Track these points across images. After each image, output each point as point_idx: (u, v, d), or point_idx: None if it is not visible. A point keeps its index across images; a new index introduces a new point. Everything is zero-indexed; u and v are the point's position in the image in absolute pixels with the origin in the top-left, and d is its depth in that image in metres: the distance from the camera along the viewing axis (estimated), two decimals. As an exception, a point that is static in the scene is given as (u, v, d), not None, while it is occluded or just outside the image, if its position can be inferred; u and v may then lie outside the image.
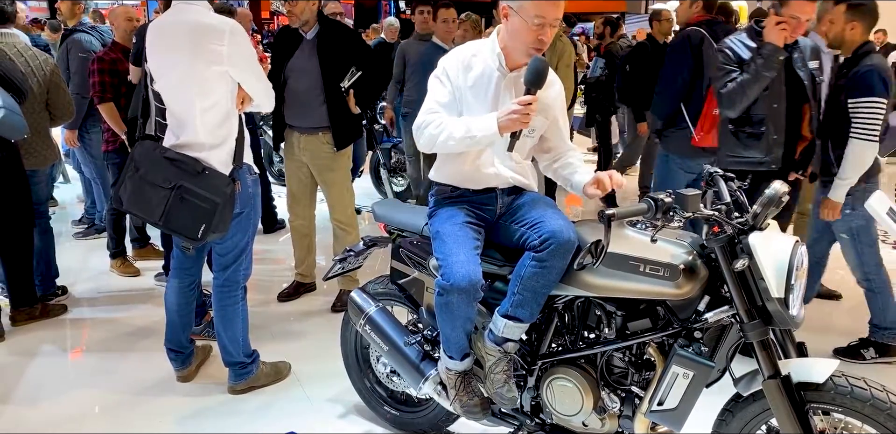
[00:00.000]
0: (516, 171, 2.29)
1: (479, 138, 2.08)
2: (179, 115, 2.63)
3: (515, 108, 2.01)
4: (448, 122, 2.13)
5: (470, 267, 2.09)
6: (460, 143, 2.11)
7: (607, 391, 2.16)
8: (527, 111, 2.00)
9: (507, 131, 2.04)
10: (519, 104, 2.01)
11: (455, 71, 2.19)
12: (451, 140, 2.10)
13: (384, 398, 2.76)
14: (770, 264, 1.82)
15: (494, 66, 2.19)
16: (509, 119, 2.02)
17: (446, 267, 2.10)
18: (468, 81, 2.19)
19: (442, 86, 2.21)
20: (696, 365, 1.91)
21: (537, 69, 2.03)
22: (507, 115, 2.02)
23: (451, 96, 2.19)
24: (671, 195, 1.83)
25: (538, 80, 2.03)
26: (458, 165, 2.27)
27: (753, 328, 1.87)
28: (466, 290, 2.08)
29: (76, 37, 4.48)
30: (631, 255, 1.99)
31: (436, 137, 2.13)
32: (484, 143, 2.12)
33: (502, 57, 2.18)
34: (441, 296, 2.11)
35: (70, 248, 4.93)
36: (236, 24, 2.56)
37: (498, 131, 2.04)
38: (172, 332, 2.98)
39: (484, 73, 2.18)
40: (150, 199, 2.60)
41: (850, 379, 1.84)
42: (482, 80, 2.18)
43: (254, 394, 3.00)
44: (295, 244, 4.12)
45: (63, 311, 3.82)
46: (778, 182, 1.90)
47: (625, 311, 2.10)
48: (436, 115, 2.16)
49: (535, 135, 2.26)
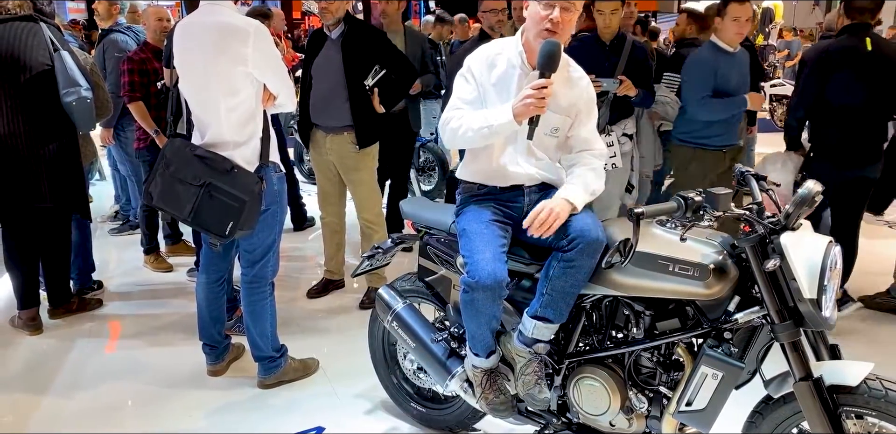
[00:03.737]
0: (542, 168, 2.27)
1: (496, 127, 2.08)
2: (204, 114, 2.67)
3: (529, 93, 2.00)
4: (468, 115, 2.15)
5: (495, 265, 2.08)
6: (478, 134, 2.11)
7: (635, 391, 2.15)
8: (541, 95, 1.99)
9: (522, 117, 2.03)
10: (532, 88, 1.99)
11: (479, 69, 2.20)
12: (469, 131, 2.12)
13: (411, 395, 2.77)
14: (802, 265, 1.79)
15: (517, 64, 2.19)
16: (523, 104, 2.01)
17: (472, 264, 2.10)
18: (492, 79, 2.19)
19: (467, 83, 2.22)
20: (725, 366, 1.89)
21: (548, 52, 2.01)
22: (521, 100, 2.02)
23: (476, 93, 2.20)
24: (701, 194, 1.81)
25: (550, 63, 2.01)
26: (483, 163, 2.27)
27: (784, 329, 1.84)
28: (492, 288, 2.07)
29: (112, 37, 4.59)
30: (660, 254, 1.97)
31: (456, 131, 2.16)
32: (502, 131, 2.10)
33: (524, 54, 2.18)
34: (466, 293, 2.11)
35: (105, 244, 5.03)
36: (261, 26, 2.59)
37: (514, 119, 2.03)
38: (203, 326, 3.03)
39: (507, 71, 2.19)
40: (179, 196, 2.64)
41: (885, 382, 1.80)
42: (505, 78, 2.19)
43: (282, 389, 3.03)
44: (325, 241, 4.15)
45: (99, 305, 3.90)
46: (811, 181, 1.86)
47: (653, 311, 2.08)
48: (459, 111, 2.19)
49: (558, 134, 2.24)
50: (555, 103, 2.15)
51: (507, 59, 2.20)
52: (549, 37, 2.06)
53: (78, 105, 3.35)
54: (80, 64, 3.52)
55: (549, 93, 2.00)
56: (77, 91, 3.34)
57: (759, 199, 1.99)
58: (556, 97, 2.13)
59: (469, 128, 2.12)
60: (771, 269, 1.80)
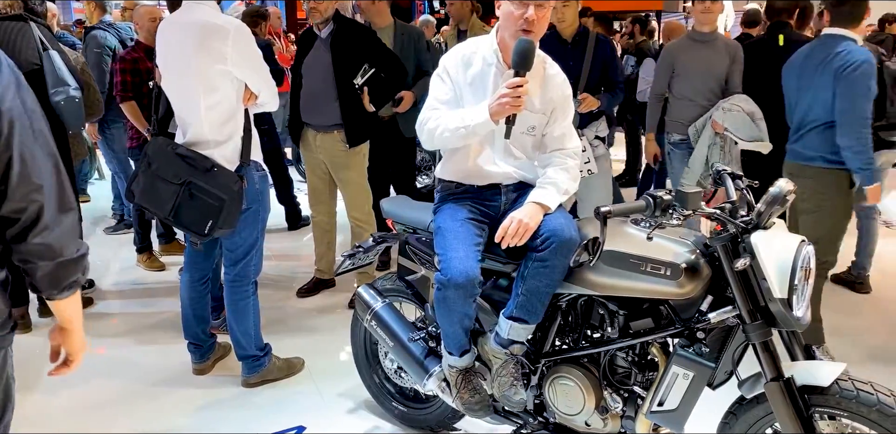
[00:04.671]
0: (520, 167, 2.26)
1: (472, 127, 2.07)
2: (185, 112, 2.68)
3: (504, 92, 1.98)
4: (445, 115, 2.14)
5: (468, 263, 2.08)
6: (455, 134, 2.11)
7: (610, 391, 2.13)
8: (517, 94, 1.97)
9: (499, 117, 2.02)
10: (508, 87, 1.98)
11: (455, 68, 2.20)
12: (446, 132, 2.11)
13: (393, 394, 2.77)
14: (772, 264, 1.78)
15: (493, 63, 2.17)
16: (499, 103, 1.99)
17: (445, 262, 2.09)
18: (467, 78, 2.18)
19: (442, 83, 2.22)
20: (696, 366, 1.88)
21: (523, 50, 1.99)
22: (497, 100, 2.00)
23: (452, 93, 2.20)
24: (671, 192, 1.80)
25: (524, 61, 2.00)
26: (461, 162, 2.27)
27: (756, 329, 1.83)
28: (463, 286, 2.07)
29: (93, 33, 4.71)
30: (632, 253, 1.96)
31: (433, 132, 2.15)
32: (479, 131, 2.09)
33: (499, 52, 2.17)
34: (439, 291, 2.11)
35: (99, 243, 5.06)
36: (241, 25, 2.60)
37: (490, 118, 2.02)
38: (187, 325, 3.04)
39: (483, 70, 2.18)
40: (160, 195, 2.66)
41: (857, 383, 1.78)
42: (481, 77, 2.18)
43: (266, 388, 3.03)
44: (316, 240, 4.15)
45: (89, 304, 3.91)
46: (783, 180, 1.85)
47: (627, 310, 2.07)
48: (435, 111, 2.18)
49: (535, 132, 2.23)
50: (531, 102, 2.14)
51: (483, 57, 2.19)
52: (524, 35, 2.05)
53: (66, 104, 3.37)
54: (70, 63, 3.53)
55: (524, 91, 1.99)
56: (65, 90, 3.36)
57: (733, 198, 1.97)
58: (532, 95, 2.12)
59: (446, 128, 2.11)
60: (740, 269, 1.78)
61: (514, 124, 2.06)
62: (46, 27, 3.55)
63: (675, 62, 3.88)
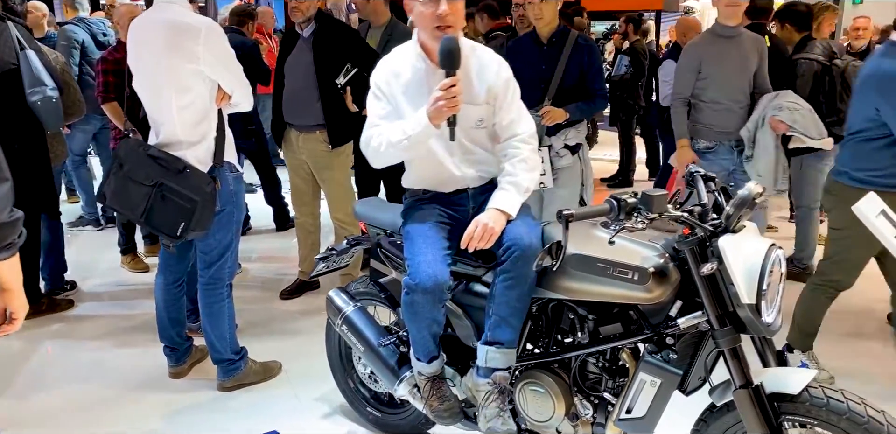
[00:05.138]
0: (482, 163, 2.22)
1: (414, 136, 2.02)
2: (157, 112, 2.65)
3: (438, 95, 1.94)
4: (386, 131, 2.09)
5: (437, 267, 2.04)
6: (398, 147, 2.06)
7: (580, 397, 2.09)
8: (451, 95, 1.93)
9: (438, 121, 1.97)
10: (440, 89, 1.94)
11: (385, 82, 2.15)
12: (390, 147, 2.06)
13: (367, 399, 2.73)
14: (740, 269, 1.73)
15: (421, 67, 2.12)
16: (436, 107, 1.95)
17: (413, 266, 2.05)
18: (401, 88, 2.13)
19: (378, 100, 2.17)
20: (663, 373, 1.84)
21: (446, 49, 1.94)
22: (433, 104, 1.96)
23: (389, 108, 2.15)
24: (635, 195, 1.76)
25: (451, 60, 1.94)
26: (422, 171, 2.24)
27: (724, 335, 1.78)
28: (432, 291, 2.02)
29: (63, 28, 4.84)
30: (598, 256, 1.92)
31: (378, 149, 2.10)
32: (423, 139, 2.04)
33: (424, 55, 2.12)
34: (407, 295, 2.07)
35: (83, 244, 5.03)
36: (213, 24, 2.57)
37: (430, 123, 1.97)
38: (162, 328, 3.00)
39: (414, 76, 2.13)
40: (132, 196, 2.62)
41: (827, 390, 1.73)
42: (414, 83, 2.12)
43: (242, 391, 2.99)
44: (300, 241, 4.12)
45: (70, 306, 3.89)
46: (752, 183, 1.80)
47: (596, 315, 2.03)
48: (376, 128, 2.13)
49: (485, 124, 2.16)
50: (470, 95, 2.08)
51: (410, 64, 2.14)
52: (443, 33, 2.00)
53: (43, 105, 3.34)
54: (49, 63, 3.51)
55: (458, 90, 1.94)
56: (42, 90, 3.33)
57: (704, 201, 1.93)
58: (470, 88, 2.08)
59: (389, 143, 2.06)
60: (706, 274, 1.74)
61: (457, 125, 2.01)
62: (25, 27, 3.52)
63: (702, 61, 3.54)
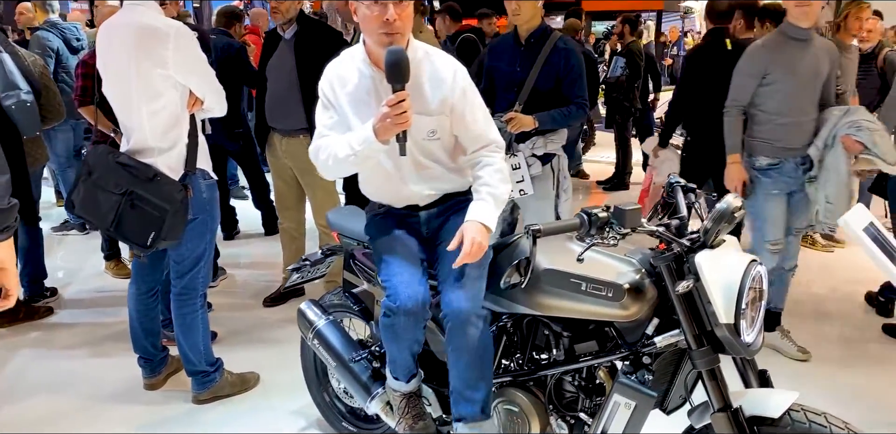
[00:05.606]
0: (436, 179, 2.09)
1: (361, 151, 1.89)
2: (127, 118, 2.57)
3: (385, 111, 1.80)
4: (333, 143, 1.96)
5: (416, 287, 1.94)
6: (346, 162, 1.93)
7: (556, 417, 2.02)
8: (399, 110, 1.78)
9: (385, 137, 1.84)
10: (387, 105, 1.79)
11: (330, 90, 2.02)
12: (337, 161, 1.94)
13: (343, 413, 2.65)
14: (718, 286, 1.65)
15: (368, 73, 1.98)
16: (383, 124, 1.81)
17: (391, 288, 1.95)
18: (346, 96, 2.00)
19: (325, 109, 2.04)
20: (637, 395, 1.75)
21: (393, 63, 1.78)
22: (379, 119, 1.82)
23: (336, 117, 2.02)
24: (607, 209, 1.67)
25: (398, 73, 1.79)
26: (372, 184, 2.15)
27: (702, 356, 1.70)
28: (414, 312, 1.92)
29: (36, 34, 4.74)
30: (572, 272, 1.84)
31: (326, 162, 1.98)
32: (370, 154, 1.91)
33: (369, 61, 1.97)
34: (387, 317, 1.96)
35: (68, 248, 4.97)
36: (182, 27, 2.49)
37: (377, 140, 1.84)
38: (136, 339, 2.93)
39: (360, 83, 1.98)
40: (101, 205, 2.55)
41: (809, 414, 1.65)
42: (359, 91, 1.99)
43: (218, 404, 2.92)
44: (284, 247, 4.05)
45: (48, 314, 3.82)
46: (731, 195, 1.72)
47: (572, 332, 1.95)
48: (324, 139, 2.01)
49: (438, 135, 2.01)
50: (422, 104, 1.95)
51: (356, 69, 2.00)
52: (388, 42, 1.86)
53: (17, 108, 3.27)
54: (26, 67, 3.44)
55: (407, 105, 1.80)
56: (16, 94, 3.27)
57: (682, 214, 1.85)
58: (422, 98, 1.95)
59: (335, 157, 1.94)
60: (681, 292, 1.66)
61: (406, 140, 1.86)
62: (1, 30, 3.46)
63: (768, 66, 3.08)
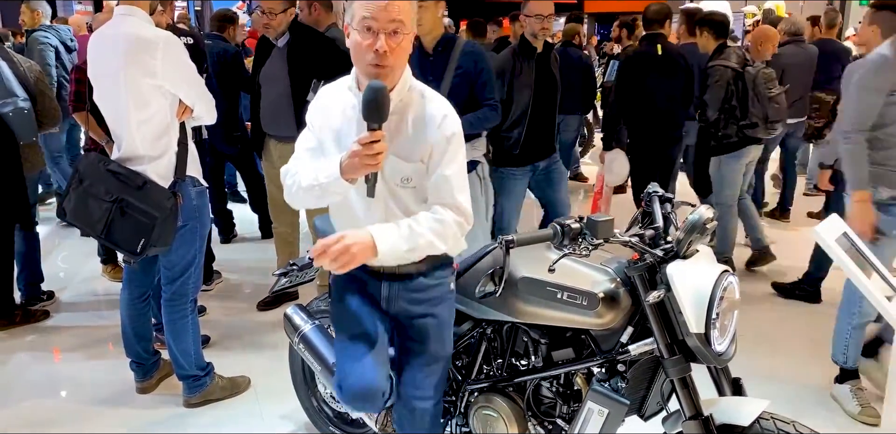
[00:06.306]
0: None
1: (325, 185, 1.71)
2: (118, 126, 2.62)
3: (356, 149, 1.62)
4: (302, 170, 1.80)
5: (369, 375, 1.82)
6: (309, 194, 1.76)
7: (534, 422, 2.05)
8: (371, 151, 1.60)
9: (351, 176, 1.66)
10: (359, 143, 1.62)
11: (316, 113, 1.88)
12: (301, 190, 1.78)
13: (330, 418, 2.68)
14: (689, 296, 1.68)
15: (354, 104, 1.80)
16: (349, 164, 1.64)
17: (340, 372, 1.88)
18: (328, 121, 1.85)
19: (308, 130, 1.90)
20: (610, 402, 1.79)
21: (371, 101, 1.61)
22: (349, 156, 1.65)
23: (315, 142, 1.86)
24: (580, 220, 1.70)
25: (377, 112, 1.62)
26: (339, 222, 1.98)
27: (674, 365, 1.74)
28: (363, 401, 1.86)
29: (34, 35, 4.92)
30: (548, 280, 1.87)
31: (291, 188, 1.83)
32: (335, 191, 1.73)
33: (356, 88, 1.81)
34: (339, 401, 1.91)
35: (66, 252, 5.02)
36: (171, 37, 2.53)
37: (342, 177, 1.66)
38: (128, 343, 2.97)
39: (344, 113, 1.83)
40: (92, 212, 2.59)
41: (779, 422, 1.69)
42: (343, 118, 1.82)
43: (208, 408, 2.96)
44: (278, 251, 4.09)
45: (45, 317, 3.86)
46: (704, 207, 1.75)
47: (549, 339, 1.98)
48: (296, 161, 1.86)
49: (413, 184, 1.81)
50: (403, 149, 1.77)
51: (343, 98, 1.84)
52: (375, 74, 1.69)
53: (15, 116, 3.32)
54: (22, 73, 3.48)
55: (382, 147, 1.62)
56: (14, 102, 3.31)
57: (658, 224, 1.87)
58: (404, 142, 1.78)
59: (300, 185, 1.77)
60: (652, 302, 1.69)
61: (376, 182, 1.70)
62: None
63: None
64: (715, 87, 4.04)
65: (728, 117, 4.10)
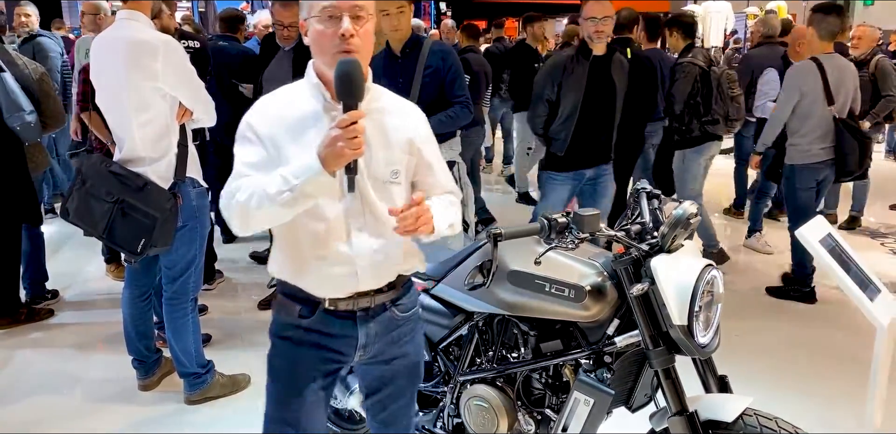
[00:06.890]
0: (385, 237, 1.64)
1: (300, 186, 1.45)
2: (119, 128, 2.68)
3: (335, 134, 1.42)
4: (258, 181, 1.51)
5: None
6: (278, 201, 1.46)
7: (524, 413, 2.09)
8: (352, 133, 1.41)
9: (335, 166, 1.44)
10: (338, 126, 1.42)
11: (265, 123, 1.60)
12: (266, 200, 1.47)
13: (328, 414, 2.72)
14: (672, 289, 1.72)
15: (319, 102, 1.60)
16: (331, 150, 1.42)
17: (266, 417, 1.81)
18: (287, 129, 1.59)
19: (249, 144, 1.59)
20: (596, 392, 1.83)
21: (344, 74, 1.45)
22: (327, 144, 1.43)
23: (265, 153, 1.58)
24: (567, 215, 1.74)
25: (351, 88, 1.45)
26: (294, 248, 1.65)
27: (658, 356, 1.77)
28: None
29: (38, 39, 5.03)
30: (537, 273, 1.91)
31: (247, 204, 1.50)
32: (313, 191, 1.48)
33: (322, 86, 1.60)
34: None
35: (68, 252, 5.08)
36: (171, 41, 2.59)
37: (323, 169, 1.43)
38: (130, 341, 3.02)
39: (305, 117, 1.60)
40: (94, 213, 2.64)
41: (762, 418, 1.72)
42: (306, 126, 1.59)
43: (208, 405, 3.00)
44: (279, 252, 4.11)
45: (49, 316, 3.92)
46: (688, 202, 1.78)
47: (538, 331, 2.02)
48: (245, 179, 1.55)
49: (400, 179, 1.66)
50: (387, 138, 1.64)
51: (303, 98, 1.63)
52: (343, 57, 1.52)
53: (22, 130, 3.43)
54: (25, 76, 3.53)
55: (361, 128, 1.43)
56: (20, 116, 3.41)
57: (645, 219, 1.91)
58: (386, 131, 1.64)
59: (264, 196, 1.47)
60: (636, 294, 1.73)
61: (357, 174, 1.48)
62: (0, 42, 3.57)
63: None
64: (682, 81, 4.32)
65: (692, 113, 4.37)
